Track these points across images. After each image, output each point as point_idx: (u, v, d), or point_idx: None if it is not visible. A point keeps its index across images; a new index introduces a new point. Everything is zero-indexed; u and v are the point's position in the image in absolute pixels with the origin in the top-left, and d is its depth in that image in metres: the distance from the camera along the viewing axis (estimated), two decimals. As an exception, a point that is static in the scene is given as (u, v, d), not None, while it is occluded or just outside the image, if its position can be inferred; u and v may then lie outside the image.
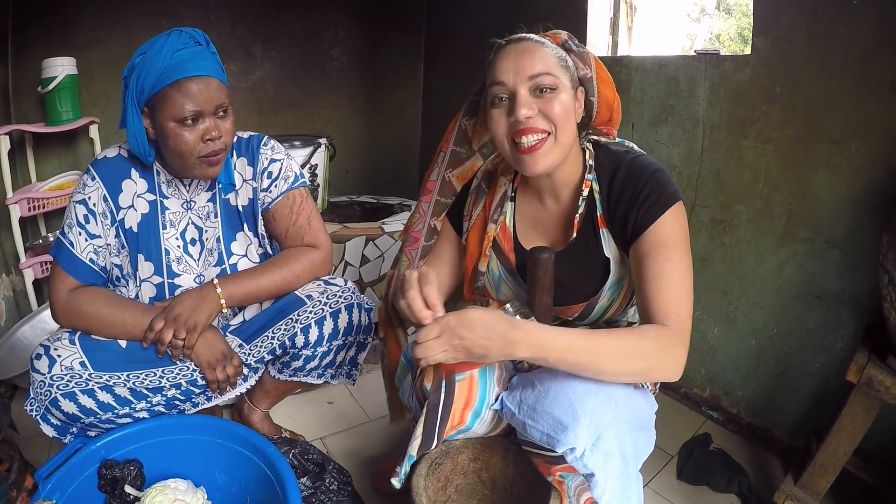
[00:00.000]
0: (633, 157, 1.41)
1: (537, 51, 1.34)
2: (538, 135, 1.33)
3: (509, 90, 1.34)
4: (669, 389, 2.61)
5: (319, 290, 1.72)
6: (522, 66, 1.32)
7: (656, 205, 1.32)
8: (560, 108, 1.32)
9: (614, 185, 1.40)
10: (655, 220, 1.31)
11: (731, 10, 3.12)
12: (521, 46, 1.35)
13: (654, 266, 1.29)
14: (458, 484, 1.57)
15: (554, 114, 1.32)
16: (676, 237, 1.31)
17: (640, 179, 1.35)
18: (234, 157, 1.75)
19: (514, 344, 1.16)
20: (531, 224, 1.55)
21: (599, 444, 1.18)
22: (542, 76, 1.32)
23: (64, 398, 1.51)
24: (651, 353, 1.21)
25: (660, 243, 1.30)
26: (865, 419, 1.64)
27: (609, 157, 1.45)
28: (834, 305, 2.03)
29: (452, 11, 3.85)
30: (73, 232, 1.60)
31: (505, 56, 1.35)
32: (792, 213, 2.09)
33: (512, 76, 1.33)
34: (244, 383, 1.81)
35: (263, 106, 3.68)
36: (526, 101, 1.31)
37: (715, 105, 2.28)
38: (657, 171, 1.36)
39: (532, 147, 1.33)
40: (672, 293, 1.27)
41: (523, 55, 1.33)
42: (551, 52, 1.35)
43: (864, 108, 1.87)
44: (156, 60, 1.47)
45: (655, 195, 1.32)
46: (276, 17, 3.57)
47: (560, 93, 1.33)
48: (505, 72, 1.34)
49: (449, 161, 1.66)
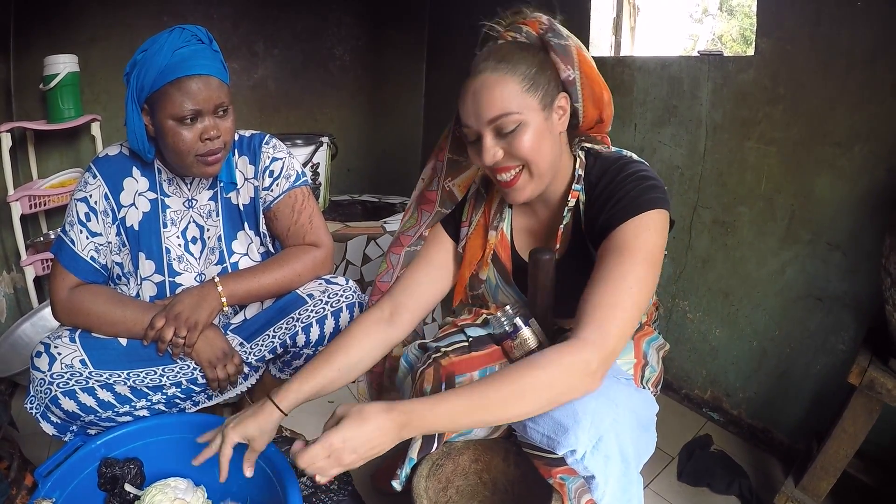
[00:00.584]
0: (623, 164, 1.35)
1: (495, 88, 1.25)
2: (512, 171, 1.30)
3: (475, 133, 1.31)
4: (671, 390, 2.61)
5: (321, 289, 1.72)
6: (480, 110, 1.26)
7: (627, 208, 1.24)
8: (528, 143, 1.26)
9: (594, 193, 1.36)
10: (621, 224, 1.24)
11: (734, 10, 3.12)
12: (478, 83, 1.27)
13: (602, 269, 1.21)
14: (459, 485, 1.58)
15: (521, 151, 1.27)
16: (638, 244, 1.21)
17: (619, 184, 1.30)
18: (235, 155, 1.75)
19: (403, 433, 1.11)
20: (526, 232, 1.55)
21: (600, 447, 1.18)
22: (501, 119, 1.25)
23: (64, 396, 1.51)
24: (552, 382, 1.12)
25: (617, 247, 1.22)
26: (867, 422, 1.64)
27: (600, 166, 1.39)
28: (835, 307, 2.03)
29: (455, 10, 3.84)
30: (74, 230, 1.60)
31: (465, 95, 1.30)
32: (794, 215, 2.09)
33: (473, 120, 1.29)
34: (245, 382, 1.81)
35: (265, 104, 3.68)
36: (490, 146, 1.28)
37: (718, 106, 2.27)
38: (641, 178, 1.28)
39: (509, 182, 1.32)
40: (606, 300, 1.17)
41: (480, 95, 1.26)
42: (513, 79, 1.25)
43: (867, 109, 1.86)
44: (156, 58, 1.47)
45: (629, 199, 1.25)
46: (278, 16, 3.57)
47: (525, 128, 1.26)
48: (467, 115, 1.30)
49: (448, 170, 1.63)
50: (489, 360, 1.42)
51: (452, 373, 1.36)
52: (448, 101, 3.97)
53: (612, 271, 1.19)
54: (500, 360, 1.45)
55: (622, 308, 1.16)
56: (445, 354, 1.40)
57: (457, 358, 1.39)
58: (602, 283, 1.18)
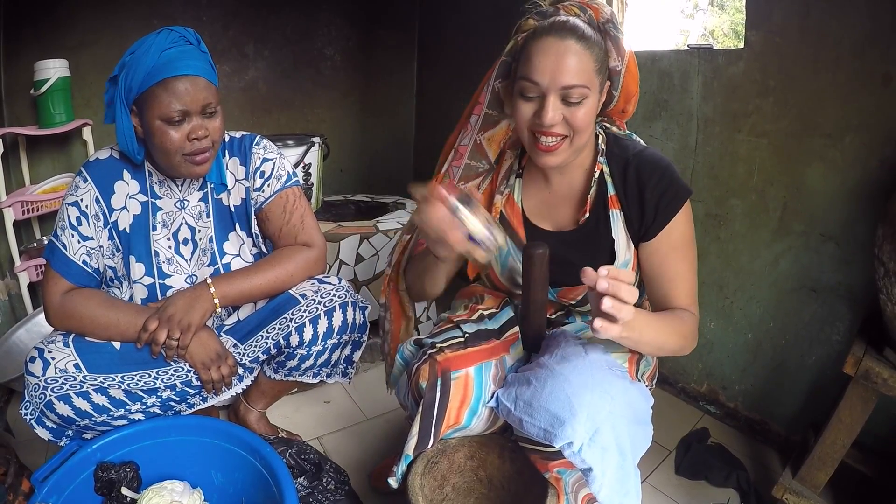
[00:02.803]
0: (642, 149, 1.47)
1: (579, 55, 1.30)
2: (556, 137, 1.34)
3: (540, 91, 1.32)
4: (667, 384, 2.61)
5: (314, 289, 1.72)
6: (560, 73, 1.29)
7: (671, 204, 1.40)
8: (584, 116, 1.33)
9: (629, 172, 1.44)
10: (670, 221, 1.40)
11: (725, 5, 3.13)
12: (564, 46, 1.30)
13: (673, 267, 1.43)
14: (454, 482, 1.57)
15: (576, 123, 1.33)
16: (688, 235, 1.45)
17: (653, 172, 1.42)
18: (226, 156, 1.75)
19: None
20: (539, 202, 1.57)
21: (597, 439, 1.18)
22: (575, 88, 1.30)
23: (58, 401, 1.50)
24: (688, 335, 1.38)
25: (675, 245, 1.42)
26: (863, 412, 1.64)
27: (619, 146, 1.49)
28: (830, 298, 2.03)
29: (445, 9, 3.84)
30: (66, 234, 1.59)
31: (544, 52, 1.31)
32: (787, 207, 2.09)
33: (547, 80, 1.30)
34: (239, 383, 1.80)
35: (256, 106, 3.67)
36: (554, 108, 1.31)
37: (708, 99, 2.28)
38: (669, 166, 1.43)
39: (549, 147, 1.36)
40: (689, 290, 1.44)
41: (564, 59, 1.29)
42: (591, 54, 1.32)
43: (858, 100, 1.87)
44: (143, 59, 1.47)
45: (671, 193, 1.40)
46: (268, 17, 3.56)
47: (587, 103, 1.33)
48: (541, 73, 1.30)
49: (482, 124, 1.62)
50: (485, 355, 1.42)
51: (448, 368, 1.36)
52: (440, 101, 3.98)
53: (683, 267, 1.44)
54: (496, 356, 1.45)
55: (696, 287, 1.47)
56: (441, 350, 1.40)
57: (452, 353, 1.39)
58: (682, 278, 1.44)
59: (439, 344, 1.43)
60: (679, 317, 1.38)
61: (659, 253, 1.43)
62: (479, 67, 1.59)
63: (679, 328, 1.35)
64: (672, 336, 1.32)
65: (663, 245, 1.42)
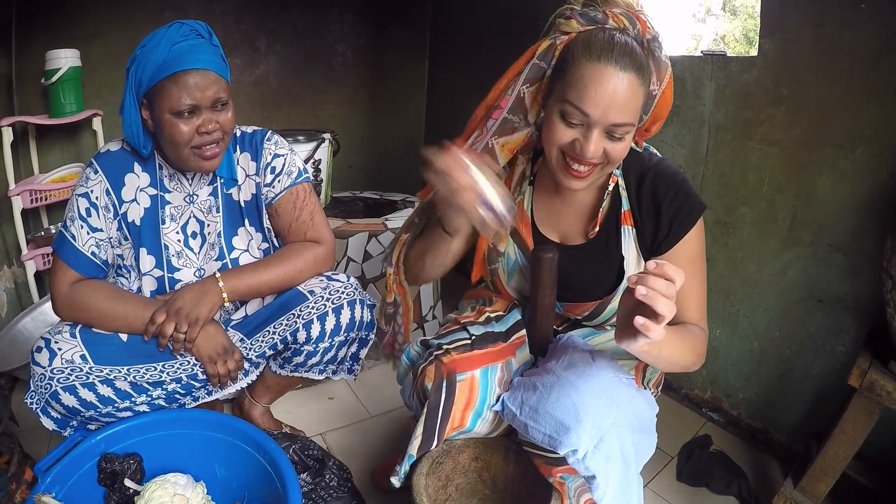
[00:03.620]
0: (658, 161, 1.44)
1: (634, 91, 1.23)
2: (590, 166, 1.30)
3: (588, 122, 1.24)
4: (670, 390, 2.61)
5: (322, 286, 1.73)
6: (612, 110, 1.22)
7: (686, 219, 1.38)
8: (622, 150, 1.29)
9: (643, 187, 1.42)
10: (684, 236, 1.39)
11: (737, 11, 3.12)
12: (622, 80, 1.21)
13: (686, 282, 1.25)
14: (458, 483, 1.58)
15: (614, 155, 1.28)
16: (700, 250, 1.44)
17: (670, 186, 1.39)
18: (237, 151, 1.75)
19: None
20: (549, 213, 1.55)
21: (601, 447, 1.18)
22: (624, 126, 1.24)
23: (64, 391, 1.51)
24: (701, 352, 1.37)
25: (689, 258, 1.40)
26: (866, 424, 1.64)
27: (634, 158, 1.45)
28: (836, 309, 2.03)
29: (457, 7, 3.84)
30: (75, 225, 1.60)
31: (600, 82, 1.21)
32: (796, 216, 2.08)
33: (599, 114, 1.22)
34: (245, 378, 1.81)
35: (267, 100, 3.67)
36: (597, 142, 1.25)
37: (720, 106, 2.27)
38: (684, 180, 1.41)
39: (581, 174, 1.31)
40: (699, 305, 1.43)
41: (618, 95, 1.21)
42: (642, 93, 1.26)
43: (870, 111, 1.86)
44: (154, 53, 1.47)
45: (686, 209, 1.38)
46: (280, 12, 3.56)
47: (628, 137, 1.28)
48: (594, 105, 1.22)
49: (498, 129, 1.49)
50: (491, 358, 1.42)
51: (454, 370, 1.36)
52: (450, 99, 3.98)
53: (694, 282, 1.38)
54: (503, 359, 1.45)
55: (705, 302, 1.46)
56: (447, 352, 1.40)
57: (458, 356, 1.39)
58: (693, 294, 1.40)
59: (446, 345, 1.43)
60: (693, 333, 1.37)
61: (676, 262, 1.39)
62: (490, 67, 1.57)
63: (693, 344, 1.34)
64: (687, 352, 1.30)
65: (675, 259, 1.36)
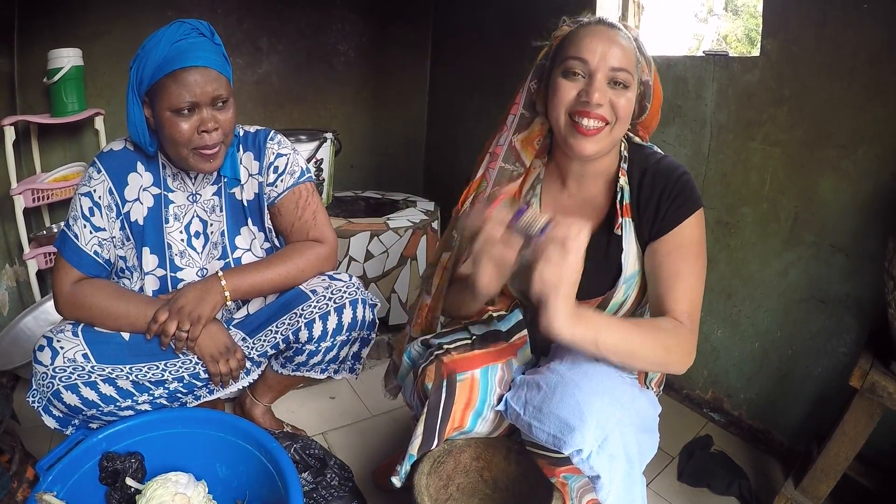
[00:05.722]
0: (661, 157, 1.48)
1: (624, 44, 1.35)
2: (599, 121, 1.34)
3: (589, 70, 1.34)
4: (672, 390, 2.61)
5: (324, 286, 1.73)
6: (610, 54, 1.33)
7: (682, 208, 1.39)
8: (626, 104, 1.35)
9: (645, 180, 1.44)
10: (680, 223, 1.38)
11: (739, 11, 3.12)
12: (613, 33, 1.35)
13: (672, 266, 1.37)
14: (459, 483, 1.58)
15: (620, 108, 1.35)
16: (696, 241, 1.40)
17: (669, 179, 1.41)
18: (239, 151, 1.75)
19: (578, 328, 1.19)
20: (556, 209, 1.55)
21: (605, 446, 1.18)
22: (622, 72, 1.33)
23: (66, 390, 1.51)
24: (673, 348, 1.29)
25: (679, 244, 1.38)
26: (867, 425, 1.64)
27: (639, 153, 1.50)
28: (838, 310, 2.03)
29: (460, 8, 3.84)
30: (78, 224, 1.60)
31: (594, 35, 1.35)
32: (798, 217, 2.08)
33: (597, 58, 1.33)
34: (247, 377, 1.81)
35: (269, 100, 3.68)
36: (602, 88, 1.33)
37: (723, 106, 2.27)
38: (685, 175, 1.42)
39: (590, 131, 1.35)
40: (686, 293, 1.35)
41: (614, 43, 1.34)
42: (633, 49, 1.37)
43: (872, 111, 1.86)
44: (154, 51, 1.48)
45: (682, 198, 1.39)
46: (282, 11, 3.56)
47: (629, 91, 1.36)
48: (591, 51, 1.33)
49: (517, 125, 1.60)
50: (492, 358, 1.42)
51: (454, 370, 1.36)
52: (452, 99, 3.98)
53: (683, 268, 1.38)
54: (503, 359, 1.44)
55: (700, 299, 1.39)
56: (448, 352, 1.40)
57: (459, 355, 1.39)
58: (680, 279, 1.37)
59: (446, 345, 1.43)
60: (659, 326, 1.32)
61: (660, 251, 1.40)
62: (492, 66, 1.58)
63: (659, 337, 1.29)
64: (647, 345, 1.27)
65: (667, 244, 1.40)
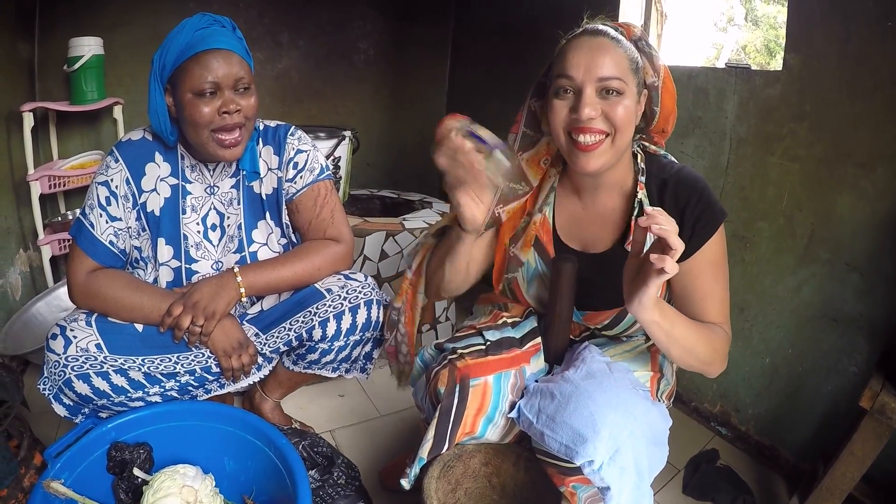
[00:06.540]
0: (679, 168, 1.46)
1: (612, 50, 1.32)
2: (597, 135, 1.33)
3: (576, 86, 1.32)
4: (680, 403, 2.60)
5: (339, 285, 1.73)
6: (594, 65, 1.30)
7: (708, 225, 1.38)
8: (623, 112, 1.32)
9: (666, 193, 1.43)
10: (707, 241, 1.38)
11: (759, 21, 3.10)
12: (596, 42, 1.32)
13: (707, 285, 1.41)
14: (467, 487, 1.57)
15: (616, 118, 1.31)
16: (721, 255, 1.43)
17: (692, 193, 1.40)
18: (259, 144, 1.76)
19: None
20: (571, 221, 1.55)
21: (617, 458, 1.18)
22: (613, 80, 1.30)
23: (78, 379, 1.52)
24: (719, 349, 1.36)
25: (710, 262, 1.40)
26: (875, 446, 1.63)
27: (657, 165, 1.48)
28: (850, 329, 2.01)
29: (480, 7, 3.84)
30: (94, 213, 1.60)
31: (577, 49, 1.33)
32: (814, 234, 2.07)
33: (581, 73, 1.31)
34: (258, 372, 1.82)
35: (288, 95, 3.68)
36: (591, 101, 1.30)
37: (743, 119, 2.26)
38: (706, 187, 1.41)
39: (589, 146, 1.33)
40: (722, 309, 1.42)
41: (597, 53, 1.31)
42: (625, 52, 1.34)
43: (892, 131, 1.84)
44: (178, 37, 1.50)
45: (708, 215, 1.39)
46: (303, 7, 3.57)
47: (625, 98, 1.32)
48: (575, 66, 1.31)
49: (520, 144, 1.59)
50: (506, 364, 1.42)
51: (467, 375, 1.36)
52: (471, 99, 3.97)
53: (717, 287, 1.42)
54: (517, 366, 1.44)
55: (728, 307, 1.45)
56: (461, 356, 1.40)
57: (473, 361, 1.39)
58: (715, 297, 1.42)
59: (460, 350, 1.43)
60: (711, 328, 1.37)
61: (692, 273, 1.39)
62: (511, 68, 1.58)
63: (711, 338, 1.35)
64: (702, 343, 1.32)
65: (697, 264, 1.39)
